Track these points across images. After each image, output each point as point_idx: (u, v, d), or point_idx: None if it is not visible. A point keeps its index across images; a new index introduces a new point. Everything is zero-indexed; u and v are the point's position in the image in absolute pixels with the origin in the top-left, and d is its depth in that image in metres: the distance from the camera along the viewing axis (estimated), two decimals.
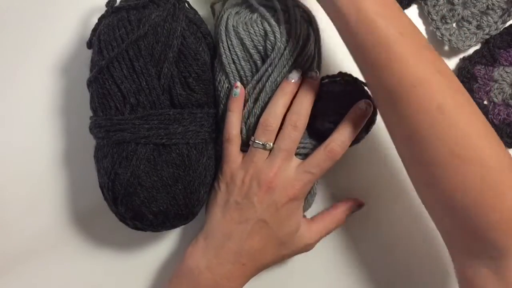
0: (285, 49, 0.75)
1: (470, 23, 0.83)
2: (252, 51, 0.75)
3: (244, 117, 0.77)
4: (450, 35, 0.83)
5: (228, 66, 0.76)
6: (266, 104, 0.76)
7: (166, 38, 0.73)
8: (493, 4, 0.83)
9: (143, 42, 0.73)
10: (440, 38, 0.83)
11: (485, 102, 0.82)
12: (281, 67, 0.75)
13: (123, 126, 0.73)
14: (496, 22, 0.83)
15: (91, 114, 0.76)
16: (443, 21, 0.84)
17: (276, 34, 0.74)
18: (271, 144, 0.75)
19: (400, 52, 0.65)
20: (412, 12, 0.85)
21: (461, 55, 0.85)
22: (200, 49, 0.75)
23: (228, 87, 0.77)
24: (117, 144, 0.73)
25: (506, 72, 0.82)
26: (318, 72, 0.77)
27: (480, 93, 0.82)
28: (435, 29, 0.83)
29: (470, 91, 0.81)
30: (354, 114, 0.75)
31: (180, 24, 0.74)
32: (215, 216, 0.77)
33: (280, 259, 0.78)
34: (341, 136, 0.74)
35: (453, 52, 0.85)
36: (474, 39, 0.83)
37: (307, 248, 0.79)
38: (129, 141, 0.73)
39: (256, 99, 0.76)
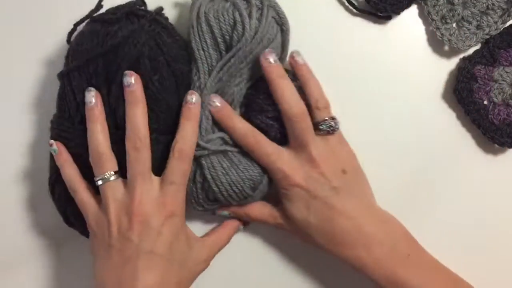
0: (250, 42, 0.74)
1: (470, 23, 0.83)
2: (219, 39, 0.75)
3: None
4: (450, 35, 0.83)
5: (197, 52, 0.75)
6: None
7: (121, 60, 0.73)
8: (493, 4, 0.82)
9: (102, 59, 0.73)
10: (440, 38, 0.83)
11: (485, 102, 0.82)
12: (240, 61, 0.75)
13: (70, 135, 0.74)
14: (496, 22, 0.82)
15: None
16: (443, 21, 0.83)
17: (246, 25, 0.74)
18: (112, 172, 0.72)
19: None
20: (412, 12, 0.85)
21: (461, 55, 0.84)
22: (155, 77, 0.74)
23: (199, 77, 0.76)
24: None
25: (506, 72, 0.82)
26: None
27: (480, 93, 0.81)
28: (435, 29, 0.83)
29: (470, 91, 0.81)
30: (184, 108, 0.75)
31: (137, 48, 0.73)
32: (98, 270, 0.73)
33: (187, 283, 0.76)
34: (182, 133, 0.74)
35: (453, 52, 0.84)
36: (474, 39, 0.83)
37: (205, 264, 0.78)
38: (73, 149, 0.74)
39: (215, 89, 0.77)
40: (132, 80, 0.72)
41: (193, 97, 0.74)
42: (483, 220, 0.83)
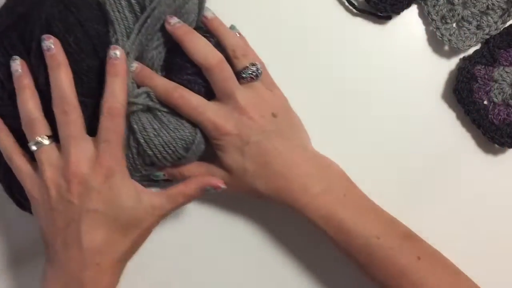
0: (164, 1, 0.75)
1: (470, 23, 0.83)
2: (133, 1, 0.75)
3: None
4: (450, 35, 0.83)
5: (112, 14, 0.75)
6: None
7: (32, 26, 0.72)
8: (493, 4, 0.82)
9: (14, 30, 0.73)
10: (440, 38, 0.83)
11: (485, 102, 0.82)
12: (155, 22, 0.75)
13: (3, 111, 0.74)
14: (496, 22, 0.82)
15: None
16: (443, 21, 0.83)
17: None
18: (45, 137, 0.71)
19: (380, 257, 0.73)
20: (412, 12, 0.85)
21: (461, 55, 0.84)
22: (70, 38, 0.73)
23: (117, 39, 0.75)
24: None
25: (506, 72, 0.82)
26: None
27: (480, 93, 0.81)
28: (435, 29, 0.83)
29: (470, 91, 0.81)
30: (108, 65, 0.73)
31: (46, 12, 0.73)
32: (43, 232, 0.72)
33: (140, 239, 0.74)
34: (110, 90, 0.72)
35: (453, 52, 0.84)
36: (474, 39, 0.83)
37: (155, 220, 0.74)
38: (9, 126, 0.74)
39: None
40: (51, 43, 0.71)
41: (116, 52, 0.72)
42: (482, 220, 0.83)
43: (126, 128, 0.74)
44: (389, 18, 0.84)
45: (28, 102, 0.71)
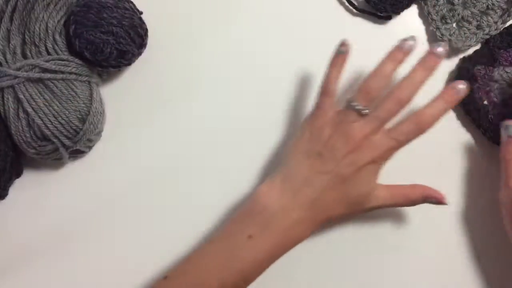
0: None
1: (470, 23, 0.83)
2: None
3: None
4: (450, 35, 0.82)
5: None
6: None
7: None
8: (493, 4, 0.82)
9: None
10: (440, 38, 0.83)
11: (485, 102, 0.81)
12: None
13: None
14: (496, 22, 0.82)
15: None
16: (443, 21, 0.83)
17: None
18: (368, 111, 0.75)
19: None
20: (412, 12, 0.85)
21: (461, 55, 0.84)
22: None
23: None
24: None
25: (506, 72, 0.81)
26: (446, 52, 0.76)
27: (480, 93, 0.81)
28: (435, 29, 0.83)
29: (470, 91, 0.80)
30: (447, 90, 0.75)
31: None
32: (296, 161, 0.76)
33: (345, 218, 0.79)
34: (433, 110, 0.74)
35: (453, 52, 0.84)
36: (474, 39, 0.82)
37: (373, 208, 0.77)
38: None
39: (11, 17, 0.77)
40: (442, 47, 0.75)
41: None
42: (482, 220, 0.82)
43: (14, 100, 0.75)
44: (389, 18, 0.84)
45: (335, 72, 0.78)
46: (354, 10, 0.85)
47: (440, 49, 0.74)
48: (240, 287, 0.72)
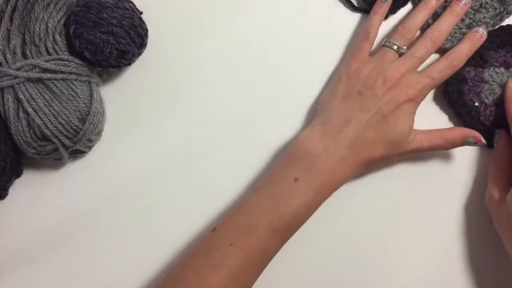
0: None
1: (462, 20, 0.83)
2: None
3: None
4: None
5: None
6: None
7: None
8: (486, 3, 0.83)
9: None
10: None
11: (476, 104, 0.82)
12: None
13: None
14: (487, 23, 0.83)
15: None
16: (436, 18, 0.83)
17: None
18: (405, 48, 0.80)
19: None
20: (407, 10, 0.85)
21: None
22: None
23: None
24: None
25: (496, 72, 0.82)
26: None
27: (470, 94, 0.82)
28: (426, 26, 0.82)
29: (461, 93, 0.82)
30: (472, 34, 0.82)
31: None
32: (333, 105, 0.78)
33: (386, 160, 0.79)
34: (462, 48, 0.80)
35: (445, 50, 0.83)
36: None
37: (407, 153, 0.79)
38: None
39: (11, 17, 0.77)
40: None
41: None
42: (477, 220, 0.83)
43: (14, 100, 0.75)
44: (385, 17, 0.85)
45: (377, 19, 0.83)
46: (352, 8, 0.85)
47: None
48: (292, 226, 0.74)
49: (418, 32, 0.82)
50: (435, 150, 0.80)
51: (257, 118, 0.83)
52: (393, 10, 0.84)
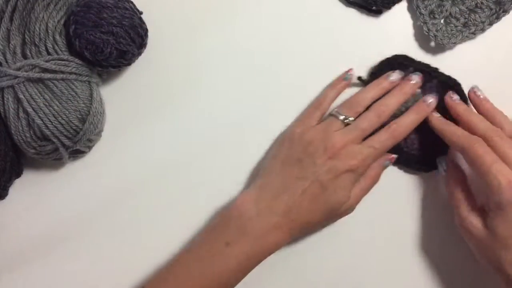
0: None
1: (458, 19, 0.84)
2: None
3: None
4: (436, 30, 0.83)
5: None
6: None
7: None
8: (481, 3, 0.83)
9: None
10: (427, 33, 0.83)
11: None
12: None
13: None
14: (483, 22, 0.83)
15: None
16: (431, 16, 0.83)
17: None
18: (352, 119, 0.79)
19: None
20: (402, 6, 0.85)
21: (447, 52, 0.85)
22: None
23: None
24: None
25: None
26: (420, 80, 0.82)
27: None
28: (422, 23, 0.83)
29: None
30: (419, 104, 0.81)
31: None
32: (273, 170, 0.78)
33: (323, 226, 0.81)
34: (406, 119, 0.79)
35: (439, 48, 0.85)
36: (460, 37, 0.83)
37: (348, 212, 0.80)
38: None
39: (11, 17, 0.77)
40: (415, 76, 0.82)
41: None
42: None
43: (14, 100, 0.75)
44: (379, 12, 0.85)
45: (333, 93, 0.82)
46: (346, 3, 0.85)
47: (415, 77, 0.81)
48: None
49: None
50: (369, 191, 0.81)
51: (257, 118, 0.84)
52: (387, 6, 0.84)
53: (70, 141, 0.75)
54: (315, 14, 0.85)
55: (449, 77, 0.83)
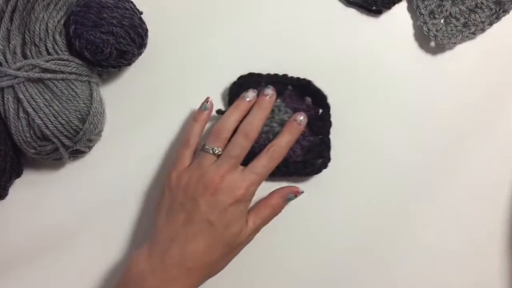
0: None
1: (458, 19, 0.84)
2: None
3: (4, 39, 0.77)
4: (436, 30, 0.83)
5: None
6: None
7: None
8: (482, 3, 0.83)
9: None
10: (427, 33, 0.83)
11: None
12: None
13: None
14: (483, 22, 0.83)
15: None
16: (431, 16, 0.83)
17: None
18: (220, 149, 0.77)
19: None
20: (402, 6, 0.85)
21: (447, 52, 0.85)
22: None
23: None
24: None
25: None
26: (273, 92, 0.81)
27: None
28: (422, 23, 0.83)
29: None
30: (291, 124, 0.80)
31: None
32: (159, 221, 0.76)
33: (228, 261, 0.78)
34: (281, 140, 0.79)
35: (439, 48, 0.85)
36: (460, 37, 0.83)
37: (248, 241, 0.79)
38: None
39: (11, 17, 0.77)
40: (269, 91, 0.81)
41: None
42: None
43: (14, 100, 0.75)
44: (379, 12, 0.85)
45: (198, 127, 0.80)
46: (346, 3, 0.85)
47: (268, 91, 0.81)
48: None
49: None
50: (269, 221, 0.80)
51: None
52: (387, 6, 0.84)
53: (70, 141, 0.75)
54: (315, 14, 0.85)
55: (298, 79, 0.84)
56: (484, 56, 0.85)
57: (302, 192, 0.81)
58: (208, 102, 0.81)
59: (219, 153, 0.77)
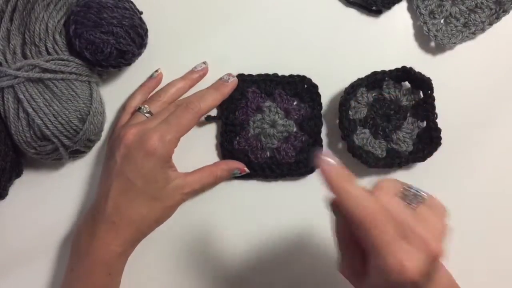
0: None
1: (458, 19, 0.84)
2: None
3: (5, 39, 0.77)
4: (436, 30, 0.83)
5: None
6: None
7: None
8: (481, 3, 0.83)
9: None
10: (427, 33, 0.83)
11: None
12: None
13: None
14: (483, 22, 0.84)
15: None
16: (431, 16, 0.84)
17: None
18: (148, 108, 0.79)
19: None
20: (402, 6, 0.86)
21: (447, 52, 0.85)
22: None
23: None
24: None
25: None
26: (234, 77, 0.82)
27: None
28: (422, 23, 0.83)
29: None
30: (217, 81, 0.83)
31: None
32: (100, 181, 0.79)
33: (160, 215, 0.77)
34: (202, 94, 0.81)
35: (439, 48, 0.85)
36: (460, 37, 0.84)
37: (183, 199, 0.79)
38: None
39: (11, 17, 0.77)
40: (226, 77, 0.82)
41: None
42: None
43: (14, 100, 0.75)
44: (379, 12, 0.85)
45: (140, 93, 0.82)
46: (346, 2, 0.85)
47: (225, 77, 0.82)
48: None
49: None
50: (208, 189, 0.81)
51: None
52: (387, 6, 0.84)
53: (70, 141, 0.75)
54: (315, 14, 0.85)
55: (290, 75, 0.84)
56: (484, 56, 0.85)
57: (248, 172, 0.81)
58: (158, 72, 0.83)
59: (147, 111, 0.78)
